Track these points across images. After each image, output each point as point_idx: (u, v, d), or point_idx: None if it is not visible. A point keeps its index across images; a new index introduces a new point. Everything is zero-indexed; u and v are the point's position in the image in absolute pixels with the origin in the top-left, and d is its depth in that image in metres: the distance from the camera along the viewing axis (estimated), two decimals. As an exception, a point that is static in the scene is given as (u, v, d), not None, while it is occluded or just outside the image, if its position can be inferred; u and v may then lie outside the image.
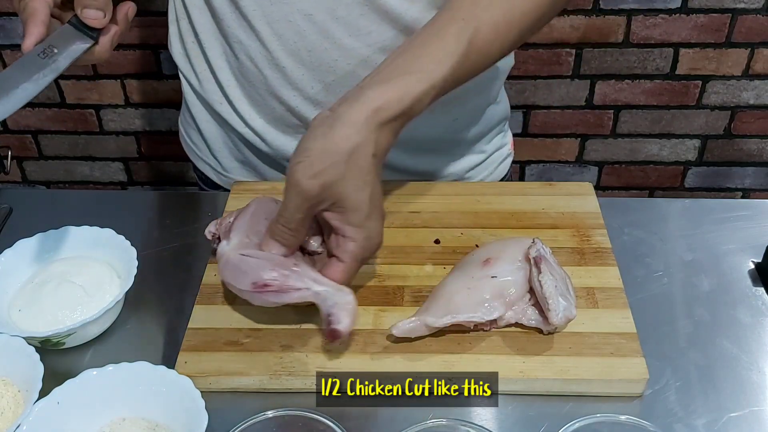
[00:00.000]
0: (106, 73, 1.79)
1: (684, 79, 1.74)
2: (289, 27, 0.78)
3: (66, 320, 0.70)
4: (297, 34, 0.78)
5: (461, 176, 0.94)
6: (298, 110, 0.84)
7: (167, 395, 0.62)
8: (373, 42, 0.78)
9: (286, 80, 0.82)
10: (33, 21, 0.66)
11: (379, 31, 0.78)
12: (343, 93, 0.72)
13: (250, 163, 0.93)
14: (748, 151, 1.85)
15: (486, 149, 0.95)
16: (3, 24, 1.74)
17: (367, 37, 0.78)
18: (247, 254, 0.66)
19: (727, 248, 0.80)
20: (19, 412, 0.62)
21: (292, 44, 0.79)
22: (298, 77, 0.81)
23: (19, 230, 0.80)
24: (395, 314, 0.71)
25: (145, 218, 0.88)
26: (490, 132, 0.95)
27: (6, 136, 1.92)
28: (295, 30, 0.78)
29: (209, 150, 0.95)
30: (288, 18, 0.77)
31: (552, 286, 0.66)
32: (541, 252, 0.68)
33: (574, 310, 0.66)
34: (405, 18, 0.77)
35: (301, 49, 0.79)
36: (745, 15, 1.64)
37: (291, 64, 0.81)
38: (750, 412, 0.65)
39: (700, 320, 0.73)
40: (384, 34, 0.78)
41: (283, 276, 0.64)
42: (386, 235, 0.79)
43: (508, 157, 1.00)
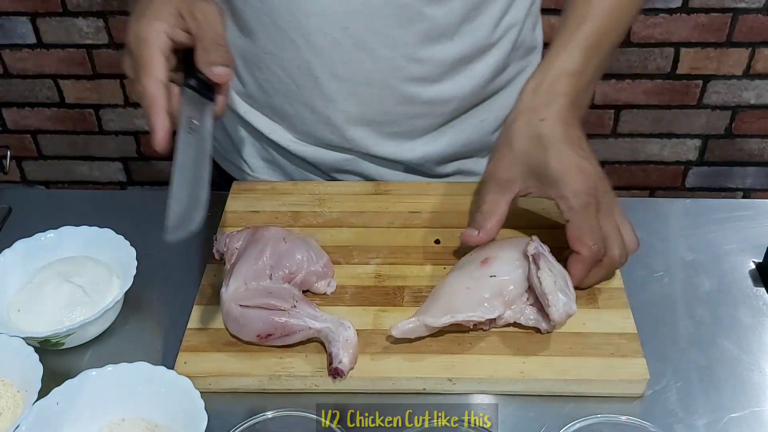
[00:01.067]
0: (105, 73, 1.79)
1: (685, 78, 1.74)
2: (324, 39, 0.78)
3: (65, 320, 0.70)
4: (332, 46, 0.78)
5: None
6: (330, 121, 0.84)
7: (167, 396, 0.62)
8: (407, 52, 0.79)
9: (320, 90, 0.82)
10: (155, 111, 0.63)
11: (414, 41, 0.79)
12: (374, 102, 0.80)
13: (277, 163, 0.93)
14: (749, 150, 1.85)
15: None
16: (3, 24, 1.73)
17: (402, 48, 0.79)
18: (245, 305, 0.67)
19: (728, 248, 0.80)
20: (18, 412, 0.62)
21: (327, 56, 0.79)
22: (332, 88, 0.81)
23: (18, 230, 0.80)
24: (395, 314, 0.70)
25: (145, 218, 0.87)
26: None
27: (5, 136, 1.92)
28: (331, 41, 0.78)
29: (235, 150, 0.95)
30: (324, 30, 0.77)
31: (551, 282, 0.65)
32: (539, 249, 0.68)
33: (574, 305, 0.66)
34: (439, 25, 0.78)
35: (336, 61, 0.79)
36: (746, 14, 1.64)
37: (325, 74, 0.80)
38: (751, 413, 0.65)
39: (700, 320, 0.73)
40: (419, 44, 0.79)
41: (281, 323, 0.66)
42: (386, 235, 0.80)
43: None
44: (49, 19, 1.72)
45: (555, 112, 0.69)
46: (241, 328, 0.67)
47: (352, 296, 0.73)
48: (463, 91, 0.85)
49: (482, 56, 0.84)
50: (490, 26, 0.82)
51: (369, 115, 0.83)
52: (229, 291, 0.68)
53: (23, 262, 0.75)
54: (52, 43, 1.76)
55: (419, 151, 0.87)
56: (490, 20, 0.82)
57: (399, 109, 0.83)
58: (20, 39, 1.76)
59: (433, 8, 0.77)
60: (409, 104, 0.83)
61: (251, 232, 0.74)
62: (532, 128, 0.69)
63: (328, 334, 0.65)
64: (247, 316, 0.66)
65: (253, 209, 0.84)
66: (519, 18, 0.86)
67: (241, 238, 0.74)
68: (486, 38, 0.82)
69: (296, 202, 0.85)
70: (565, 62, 0.70)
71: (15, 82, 1.83)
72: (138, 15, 0.67)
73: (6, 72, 1.81)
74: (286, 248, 0.72)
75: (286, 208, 0.84)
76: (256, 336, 0.66)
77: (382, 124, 0.84)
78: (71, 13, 1.71)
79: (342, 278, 0.74)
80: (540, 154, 0.68)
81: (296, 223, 0.82)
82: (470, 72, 0.84)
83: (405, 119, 0.84)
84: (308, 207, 0.84)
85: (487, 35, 0.82)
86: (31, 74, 1.81)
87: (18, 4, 1.70)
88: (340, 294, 0.73)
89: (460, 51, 0.81)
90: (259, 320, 0.66)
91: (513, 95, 0.90)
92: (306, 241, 0.74)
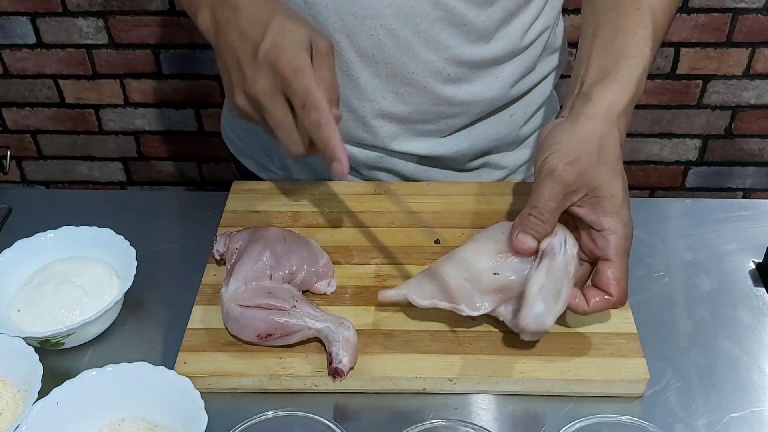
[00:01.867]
0: (105, 73, 1.79)
1: (685, 78, 1.74)
2: (369, 41, 0.78)
3: (65, 320, 0.70)
4: (376, 48, 0.78)
5: (512, 170, 0.95)
6: (366, 120, 0.84)
7: (167, 396, 0.62)
8: (449, 54, 0.80)
9: (359, 90, 0.82)
10: (336, 143, 0.63)
11: (456, 43, 0.79)
12: (412, 102, 0.81)
13: (305, 161, 0.92)
14: (749, 150, 1.85)
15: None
16: (3, 24, 1.73)
17: (444, 50, 0.79)
18: (245, 305, 0.67)
19: (728, 248, 0.80)
20: (18, 412, 0.62)
21: (370, 57, 0.79)
22: (372, 87, 0.81)
23: (18, 230, 0.80)
24: (395, 314, 0.70)
25: (145, 218, 0.88)
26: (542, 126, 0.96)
27: (5, 135, 1.92)
28: (375, 44, 0.78)
29: (259, 145, 0.95)
30: (370, 32, 0.77)
31: (537, 286, 0.62)
32: (554, 248, 0.64)
33: (549, 320, 0.62)
34: (479, 28, 0.79)
35: (379, 62, 0.79)
36: (745, 14, 1.64)
37: (366, 75, 0.81)
38: (751, 413, 0.65)
39: (700, 320, 0.73)
40: (460, 46, 0.80)
41: (281, 323, 0.66)
42: (386, 235, 0.80)
43: None
44: (49, 19, 1.72)
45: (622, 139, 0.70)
46: (241, 328, 0.67)
47: (352, 296, 0.73)
48: (493, 93, 0.85)
49: (514, 59, 0.85)
50: (523, 30, 0.83)
51: (405, 114, 0.84)
52: (229, 291, 0.68)
53: (23, 262, 0.75)
54: (52, 43, 1.76)
55: (451, 148, 0.88)
56: (524, 24, 0.83)
57: (435, 109, 0.84)
58: (20, 39, 1.76)
59: (476, 12, 0.78)
60: (444, 104, 0.84)
61: (251, 232, 0.74)
62: (616, 149, 0.68)
63: (328, 334, 0.65)
64: (247, 316, 0.66)
65: (253, 209, 0.84)
66: (550, 22, 0.87)
67: (241, 238, 0.74)
68: (519, 41, 0.83)
69: (296, 202, 0.85)
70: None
71: (15, 82, 1.83)
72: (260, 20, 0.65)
73: (6, 72, 1.81)
74: (286, 248, 0.72)
75: (286, 208, 0.84)
76: (256, 336, 0.66)
77: (417, 122, 0.85)
78: (71, 13, 1.71)
79: (342, 278, 0.74)
80: (615, 178, 0.66)
81: (296, 223, 0.82)
82: (501, 73, 0.85)
83: (440, 118, 0.85)
84: (308, 207, 0.84)
85: (519, 38, 0.83)
86: (31, 74, 1.81)
87: (18, 4, 1.70)
88: (340, 294, 0.73)
89: (494, 53, 0.82)
90: (259, 320, 0.66)
91: (540, 94, 0.92)
92: (306, 241, 0.74)
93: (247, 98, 0.66)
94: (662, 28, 0.74)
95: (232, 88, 0.67)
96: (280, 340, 0.67)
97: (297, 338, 0.67)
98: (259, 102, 0.65)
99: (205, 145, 1.90)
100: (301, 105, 0.63)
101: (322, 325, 0.66)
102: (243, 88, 0.66)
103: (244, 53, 0.65)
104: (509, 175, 0.95)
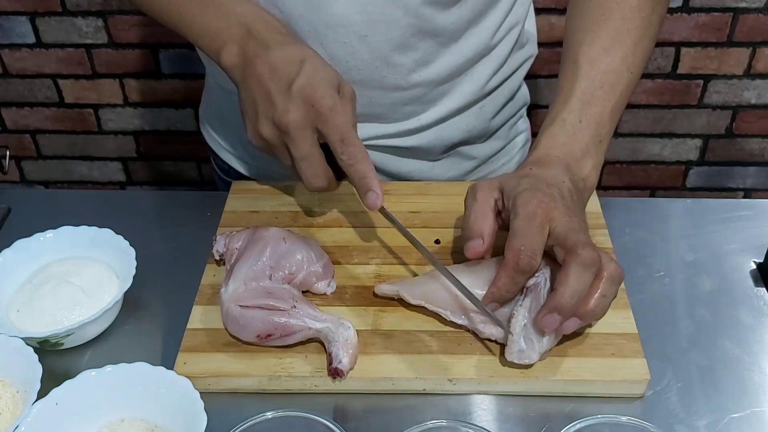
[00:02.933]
0: (104, 73, 1.79)
1: (685, 78, 1.74)
2: (342, 48, 0.79)
3: (64, 321, 0.70)
4: (350, 54, 0.79)
5: (483, 161, 0.96)
6: None
7: (166, 396, 0.62)
8: (419, 57, 0.81)
9: None
10: (372, 174, 0.70)
11: (425, 46, 0.81)
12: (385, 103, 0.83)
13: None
14: (749, 150, 1.85)
15: (508, 135, 0.99)
16: (2, 23, 1.73)
17: (414, 53, 0.81)
18: (245, 305, 0.67)
19: (729, 248, 0.80)
20: (17, 413, 0.62)
21: (344, 63, 0.80)
22: None
23: (17, 230, 0.80)
24: (395, 314, 0.70)
25: (144, 218, 0.88)
26: (512, 117, 0.98)
27: (4, 135, 1.92)
28: (349, 50, 0.79)
29: (237, 138, 0.96)
30: (343, 40, 0.78)
31: (521, 324, 0.63)
32: (539, 283, 0.65)
33: (533, 356, 0.63)
34: (449, 30, 0.81)
35: (351, 68, 0.80)
36: (746, 14, 1.64)
37: None
38: (752, 413, 0.64)
39: (701, 321, 0.73)
40: (429, 48, 0.81)
41: (281, 323, 0.66)
42: (386, 235, 0.79)
43: (527, 143, 1.03)
44: (48, 19, 1.72)
45: None
46: (241, 329, 0.67)
47: (352, 296, 0.73)
48: (466, 94, 0.87)
49: (485, 57, 0.87)
50: (493, 29, 0.85)
51: (378, 113, 0.85)
52: (228, 291, 0.68)
53: (22, 262, 0.75)
54: (51, 42, 1.76)
55: (422, 140, 0.89)
56: (493, 24, 0.84)
57: (408, 109, 0.86)
58: (19, 38, 1.75)
59: (444, 16, 0.79)
60: (417, 104, 0.85)
61: (251, 232, 0.74)
62: (519, 173, 0.70)
63: (327, 334, 0.65)
64: (246, 316, 0.66)
65: (252, 209, 0.83)
66: (520, 18, 0.89)
67: (240, 238, 0.74)
68: (489, 40, 0.85)
69: (296, 202, 0.84)
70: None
71: (14, 81, 1.82)
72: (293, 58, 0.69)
73: (5, 72, 1.81)
74: (286, 248, 0.72)
75: (286, 208, 0.84)
76: (256, 336, 0.66)
77: (390, 121, 0.86)
78: (70, 13, 1.71)
79: (342, 278, 0.74)
80: (514, 179, 0.68)
81: (296, 223, 0.82)
82: (473, 73, 0.86)
83: (412, 116, 0.87)
84: (308, 207, 0.84)
85: (490, 37, 0.85)
86: (30, 74, 1.81)
87: (17, 3, 1.70)
88: (340, 294, 0.73)
89: (465, 55, 0.84)
90: (258, 320, 0.66)
91: (510, 88, 0.93)
92: (306, 241, 0.74)
93: (276, 128, 0.69)
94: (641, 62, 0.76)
95: (257, 119, 0.70)
96: (280, 341, 0.67)
97: (297, 338, 0.67)
98: (288, 132, 0.68)
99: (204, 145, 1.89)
100: (339, 139, 0.68)
101: (322, 326, 0.66)
102: (272, 118, 0.68)
103: (276, 86, 0.68)
104: (480, 165, 0.97)
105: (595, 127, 0.72)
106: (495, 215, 0.68)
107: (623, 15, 0.75)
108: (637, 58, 0.75)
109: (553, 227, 0.63)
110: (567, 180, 0.68)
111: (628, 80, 0.74)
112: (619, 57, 0.74)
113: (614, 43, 0.74)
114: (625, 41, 0.74)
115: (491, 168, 0.98)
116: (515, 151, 1.01)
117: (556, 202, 0.65)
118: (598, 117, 0.72)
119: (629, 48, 0.74)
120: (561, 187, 0.67)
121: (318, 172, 0.70)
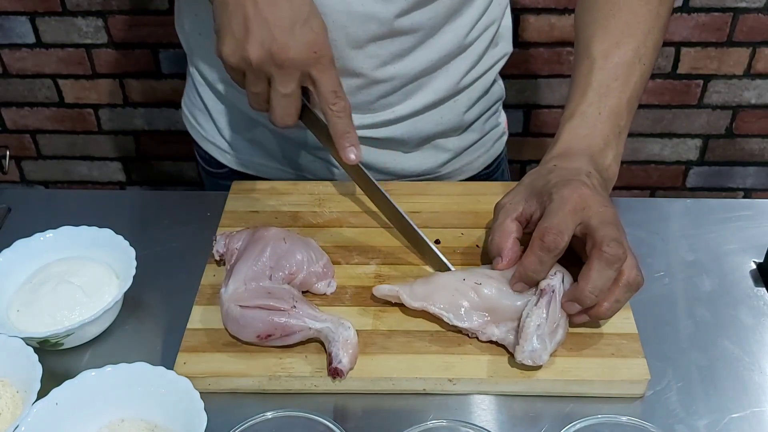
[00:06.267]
0: (104, 73, 1.79)
1: (685, 78, 1.74)
2: None
3: (64, 321, 0.70)
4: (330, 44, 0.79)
5: (457, 153, 0.97)
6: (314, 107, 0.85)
7: (166, 396, 0.62)
8: (395, 50, 0.82)
9: None
10: (353, 129, 0.72)
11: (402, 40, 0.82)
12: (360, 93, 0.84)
13: (259, 142, 0.94)
14: (749, 150, 1.85)
15: (483, 128, 0.99)
16: (2, 23, 1.73)
17: (391, 45, 0.82)
18: (245, 306, 0.67)
19: (729, 248, 0.80)
20: (17, 413, 0.62)
21: None
22: None
23: (17, 230, 0.80)
24: (395, 314, 0.70)
25: (144, 218, 0.88)
26: (486, 112, 0.99)
27: (4, 135, 1.92)
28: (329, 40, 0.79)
29: (217, 129, 0.96)
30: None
31: (535, 324, 0.64)
32: (553, 286, 0.66)
33: (545, 357, 0.63)
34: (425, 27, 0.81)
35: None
36: (746, 14, 1.64)
37: None
38: (751, 413, 0.64)
39: (701, 321, 0.73)
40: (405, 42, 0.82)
41: (281, 323, 0.66)
42: (386, 235, 0.79)
43: (503, 136, 1.05)
44: (48, 19, 1.72)
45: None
46: (241, 329, 0.67)
47: (352, 296, 0.73)
48: (441, 86, 0.88)
49: (460, 56, 0.88)
50: (468, 27, 0.86)
51: (353, 103, 0.85)
52: (228, 291, 0.68)
53: (22, 262, 0.75)
54: (51, 42, 1.76)
55: (396, 131, 0.90)
56: (469, 21, 0.86)
57: (383, 101, 0.86)
58: (19, 38, 1.75)
59: (421, 12, 0.80)
60: (392, 95, 0.86)
61: (251, 232, 0.74)
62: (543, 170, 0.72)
63: (327, 334, 0.65)
64: (246, 316, 0.66)
65: (252, 209, 0.83)
66: (496, 16, 0.90)
67: (240, 238, 0.74)
68: (464, 37, 0.86)
69: (296, 202, 0.84)
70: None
71: (14, 81, 1.82)
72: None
73: (5, 72, 1.81)
74: (286, 249, 0.72)
75: (286, 208, 0.84)
76: (256, 336, 0.66)
77: (365, 111, 0.87)
78: (70, 13, 1.71)
79: (342, 278, 0.74)
80: (541, 178, 0.70)
81: (296, 223, 0.82)
82: (449, 69, 0.87)
83: (387, 107, 0.87)
84: (308, 207, 0.84)
85: (465, 34, 0.86)
86: (30, 74, 1.81)
87: (17, 3, 1.70)
88: (340, 294, 0.73)
89: (440, 50, 0.85)
90: (258, 321, 0.66)
91: (484, 83, 0.94)
92: (306, 242, 0.74)
93: (269, 58, 0.67)
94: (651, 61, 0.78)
95: (247, 39, 0.67)
96: (280, 341, 0.67)
97: (297, 339, 0.67)
98: (283, 68, 0.67)
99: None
100: (332, 90, 0.69)
101: (322, 326, 0.66)
102: (269, 48, 0.66)
103: (276, 17, 0.66)
104: (455, 157, 0.97)
105: (614, 118, 0.74)
106: (517, 232, 0.69)
107: (632, 9, 0.77)
108: (648, 49, 0.77)
109: (588, 216, 0.65)
110: (593, 170, 0.70)
111: (641, 72, 0.76)
112: (631, 49, 0.75)
113: (625, 36, 0.76)
114: (636, 33, 0.76)
115: (466, 160, 0.99)
116: (490, 144, 1.02)
117: (591, 190, 0.67)
118: (615, 108, 0.75)
119: (640, 40, 0.76)
120: (590, 176, 0.69)
121: (292, 112, 0.71)
